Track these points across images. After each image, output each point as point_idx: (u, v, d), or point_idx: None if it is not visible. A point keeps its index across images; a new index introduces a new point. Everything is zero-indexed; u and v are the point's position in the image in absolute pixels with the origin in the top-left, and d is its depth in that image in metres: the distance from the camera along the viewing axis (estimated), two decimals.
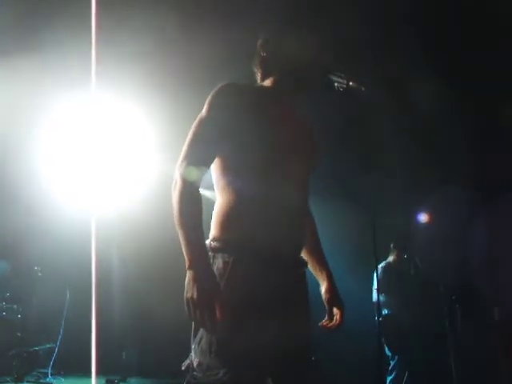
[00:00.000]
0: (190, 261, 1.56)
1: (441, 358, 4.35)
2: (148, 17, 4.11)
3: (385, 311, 4.76)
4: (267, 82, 1.83)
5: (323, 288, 1.92)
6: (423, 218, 5.35)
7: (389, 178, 4.61)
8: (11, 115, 4.67)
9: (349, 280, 5.03)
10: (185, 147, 1.67)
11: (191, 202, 1.62)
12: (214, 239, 1.67)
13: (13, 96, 4.56)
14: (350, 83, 1.80)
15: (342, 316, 1.89)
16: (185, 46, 4.13)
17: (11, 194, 5.35)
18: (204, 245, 1.62)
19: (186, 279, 1.54)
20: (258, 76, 1.85)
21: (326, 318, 1.90)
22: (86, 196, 5.17)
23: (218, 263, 1.62)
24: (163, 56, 4.25)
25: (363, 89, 1.81)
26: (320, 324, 1.87)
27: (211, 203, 1.74)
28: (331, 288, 1.92)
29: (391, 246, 4.91)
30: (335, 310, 1.90)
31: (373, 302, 4.65)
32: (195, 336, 1.61)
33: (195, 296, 1.50)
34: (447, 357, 4.23)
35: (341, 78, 1.81)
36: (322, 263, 1.95)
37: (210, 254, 1.65)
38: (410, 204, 5.30)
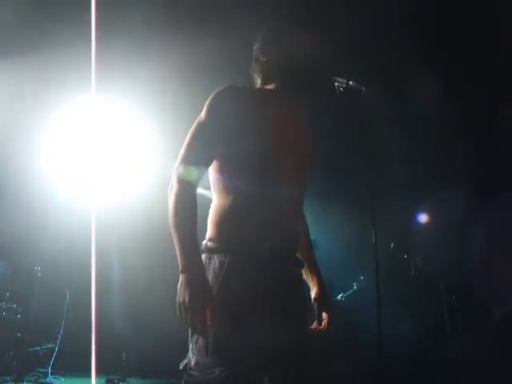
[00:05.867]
0: (183, 265, 1.56)
1: (441, 358, 4.35)
2: (148, 18, 4.11)
3: None
4: (268, 86, 1.83)
5: (313, 293, 1.94)
6: (423, 217, 5.35)
7: (389, 178, 4.61)
8: (11, 115, 4.67)
9: (349, 280, 5.04)
10: (182, 149, 1.67)
11: (186, 206, 1.62)
12: (210, 239, 1.68)
13: (12, 96, 4.56)
14: (350, 83, 1.80)
15: (330, 321, 1.91)
16: (185, 47, 4.13)
17: (11, 194, 5.35)
18: (198, 249, 1.62)
19: (179, 283, 1.55)
20: (258, 81, 1.84)
21: (315, 322, 1.92)
22: (86, 196, 5.17)
23: (214, 263, 1.63)
24: (163, 56, 4.25)
25: (363, 88, 1.81)
26: (309, 328, 1.88)
27: (209, 203, 1.74)
28: (321, 293, 1.93)
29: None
30: (324, 315, 1.92)
31: None
32: (192, 336, 1.61)
33: (186, 300, 1.51)
34: (447, 357, 4.23)
35: (341, 77, 1.81)
36: (314, 268, 1.95)
37: (206, 254, 1.66)
38: (410, 204, 5.29)
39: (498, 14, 4.03)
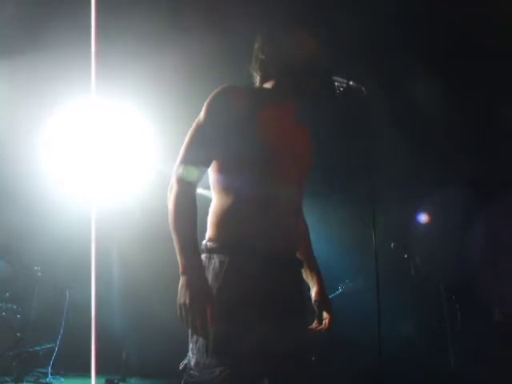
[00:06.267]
0: (184, 266, 1.57)
1: (441, 358, 4.35)
2: (148, 17, 4.11)
3: None
4: (267, 85, 1.83)
5: (313, 292, 1.94)
6: (423, 217, 5.35)
7: (389, 178, 4.60)
8: (10, 114, 4.67)
9: (348, 280, 5.04)
10: (182, 150, 1.67)
11: (186, 206, 1.62)
12: (210, 239, 1.68)
13: (12, 95, 4.56)
14: (350, 83, 1.80)
15: (330, 320, 1.91)
16: (184, 47, 4.13)
17: (11, 194, 5.35)
18: (197, 250, 1.62)
19: (179, 284, 1.56)
20: (257, 79, 1.85)
21: (316, 321, 1.92)
22: (86, 196, 5.16)
23: (214, 263, 1.63)
24: (163, 56, 4.25)
25: (363, 88, 1.80)
26: (309, 328, 1.88)
27: (208, 203, 1.74)
28: (321, 292, 1.93)
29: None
30: (325, 315, 1.92)
31: None
32: (192, 336, 1.62)
33: (187, 302, 1.52)
34: (447, 357, 4.22)
35: (341, 77, 1.80)
36: (314, 267, 1.95)
37: (206, 254, 1.67)
38: (410, 204, 5.29)
39: (498, 14, 4.03)
